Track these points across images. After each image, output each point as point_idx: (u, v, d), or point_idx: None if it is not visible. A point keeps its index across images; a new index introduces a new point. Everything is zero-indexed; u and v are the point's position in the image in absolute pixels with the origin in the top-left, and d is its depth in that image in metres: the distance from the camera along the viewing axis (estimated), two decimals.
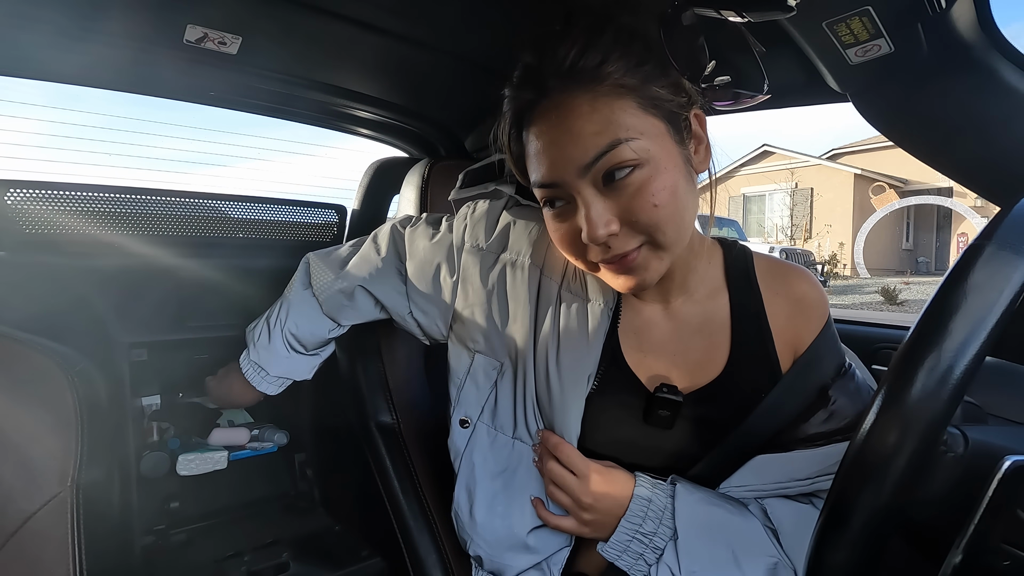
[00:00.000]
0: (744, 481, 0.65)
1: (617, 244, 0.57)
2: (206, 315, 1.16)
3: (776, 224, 16.36)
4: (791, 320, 0.68)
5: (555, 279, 0.71)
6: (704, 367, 0.68)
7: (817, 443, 0.62)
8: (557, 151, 0.56)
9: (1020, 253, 0.41)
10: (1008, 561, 0.39)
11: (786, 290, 0.69)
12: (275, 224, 1.33)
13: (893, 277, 14.00)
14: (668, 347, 0.69)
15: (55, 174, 5.96)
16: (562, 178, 0.57)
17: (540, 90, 0.58)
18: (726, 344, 0.68)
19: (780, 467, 0.64)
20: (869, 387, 0.68)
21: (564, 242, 0.62)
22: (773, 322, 0.68)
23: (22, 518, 0.56)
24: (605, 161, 0.55)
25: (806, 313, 0.68)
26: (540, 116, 0.58)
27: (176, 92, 1.15)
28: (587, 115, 0.55)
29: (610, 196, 0.56)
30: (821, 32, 0.67)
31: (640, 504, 0.63)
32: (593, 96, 0.55)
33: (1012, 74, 0.64)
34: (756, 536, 0.63)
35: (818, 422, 0.63)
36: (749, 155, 17.88)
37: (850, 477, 0.43)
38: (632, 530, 0.63)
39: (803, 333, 0.67)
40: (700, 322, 0.69)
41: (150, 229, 1.14)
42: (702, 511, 0.63)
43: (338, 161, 9.54)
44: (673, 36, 0.61)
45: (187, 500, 1.10)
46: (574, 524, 0.66)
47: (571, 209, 0.59)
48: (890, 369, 0.43)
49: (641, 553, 0.63)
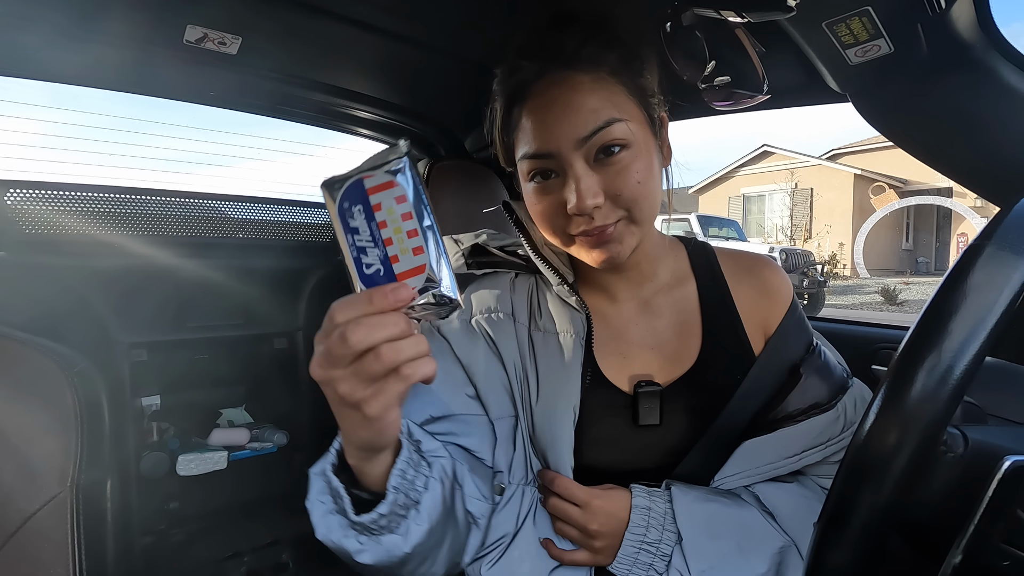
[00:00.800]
0: (737, 468, 0.66)
1: (600, 216, 0.60)
2: (206, 315, 1.16)
3: (776, 224, 16.36)
4: (758, 305, 0.72)
5: (524, 322, 0.72)
6: (681, 357, 0.70)
7: (798, 419, 0.66)
8: (556, 122, 0.59)
9: (1020, 253, 0.41)
10: (1008, 561, 0.39)
11: (750, 278, 0.73)
12: (275, 224, 1.33)
13: (893, 277, 14.01)
14: (646, 342, 0.71)
15: (55, 174, 5.95)
16: (558, 149, 0.59)
17: (542, 67, 0.61)
18: (698, 332, 0.70)
19: (769, 448, 0.66)
20: (836, 362, 0.71)
21: (546, 215, 0.63)
22: (741, 307, 0.71)
23: (22, 518, 0.56)
24: (600, 136, 0.58)
25: (771, 298, 0.72)
26: (540, 90, 0.61)
27: (176, 92, 1.15)
28: (587, 92, 0.59)
29: (598, 171, 0.60)
30: (821, 32, 0.67)
31: (640, 514, 0.63)
32: (593, 78, 0.60)
33: (1012, 74, 0.64)
34: (756, 524, 0.64)
35: (796, 399, 0.66)
36: (749, 155, 17.90)
37: (850, 477, 0.43)
38: (637, 541, 0.63)
39: (770, 317, 0.71)
40: (672, 312, 0.72)
41: (150, 229, 1.14)
42: (700, 509, 0.63)
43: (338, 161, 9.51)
44: (674, 36, 0.61)
45: (187, 500, 1.10)
46: (587, 555, 0.65)
47: (558, 183, 0.61)
48: (890, 369, 0.43)
49: (650, 563, 0.63)
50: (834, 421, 0.66)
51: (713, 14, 0.64)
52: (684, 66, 0.73)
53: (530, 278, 0.75)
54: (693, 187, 19.37)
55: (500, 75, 0.66)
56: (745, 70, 0.71)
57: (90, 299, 1.03)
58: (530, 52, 0.62)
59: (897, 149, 0.78)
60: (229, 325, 1.17)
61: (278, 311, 1.31)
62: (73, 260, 1.04)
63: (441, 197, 1.01)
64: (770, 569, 0.62)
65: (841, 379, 0.69)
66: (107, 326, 1.04)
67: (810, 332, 0.73)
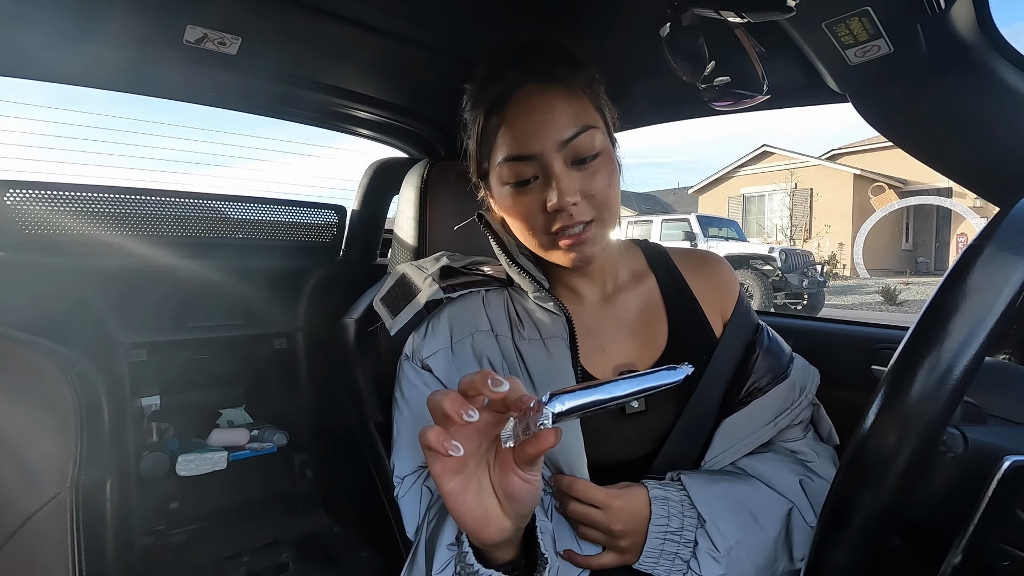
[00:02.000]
0: (723, 446, 0.71)
1: (577, 213, 0.64)
2: (206, 315, 1.16)
3: (776, 224, 16.35)
4: (713, 294, 0.79)
5: (507, 335, 0.73)
6: (652, 343, 0.75)
7: (765, 391, 0.73)
8: (539, 126, 0.64)
9: (1019, 253, 0.41)
10: (1008, 561, 0.39)
11: (703, 271, 0.81)
12: (275, 225, 1.33)
13: (892, 277, 14.00)
14: (619, 335, 0.75)
15: (55, 174, 5.95)
16: (542, 151, 0.64)
17: (521, 78, 0.66)
18: (664, 320, 0.76)
19: (747, 420, 0.72)
20: (777, 337, 0.80)
21: (527, 214, 0.67)
22: (698, 295, 0.78)
23: (21, 519, 0.56)
24: (579, 140, 0.64)
25: (723, 286, 0.80)
26: (521, 99, 0.66)
27: (176, 92, 1.15)
28: (566, 101, 0.65)
29: (575, 174, 0.65)
30: (820, 33, 0.67)
31: (660, 505, 0.65)
32: (569, 89, 0.66)
33: (1011, 74, 0.64)
34: (763, 493, 0.68)
35: (760, 372, 0.74)
36: (748, 155, 17.89)
37: (850, 477, 0.43)
38: (661, 532, 0.64)
39: (725, 304, 0.79)
40: (638, 306, 0.77)
41: (150, 230, 1.14)
42: (712, 489, 0.66)
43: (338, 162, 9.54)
44: (673, 37, 0.61)
45: (186, 501, 1.10)
46: (614, 556, 0.66)
47: (536, 186, 0.66)
48: (890, 369, 0.43)
49: (675, 552, 0.64)
50: (792, 387, 0.74)
51: (713, 14, 0.64)
52: (684, 67, 0.73)
53: (502, 292, 0.78)
54: (693, 187, 19.38)
55: (476, 86, 0.71)
56: (745, 70, 0.71)
57: (90, 299, 1.03)
58: (514, 60, 0.67)
59: (897, 149, 0.78)
60: (229, 325, 1.17)
61: (278, 311, 1.31)
62: (73, 260, 1.04)
63: (441, 198, 1.01)
64: (780, 531, 0.66)
65: (787, 350, 0.78)
66: (107, 326, 1.04)
67: (755, 316, 0.81)
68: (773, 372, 0.74)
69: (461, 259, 0.83)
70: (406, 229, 1.01)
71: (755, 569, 0.64)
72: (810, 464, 0.73)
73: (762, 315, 1.03)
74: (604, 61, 0.72)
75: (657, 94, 1.09)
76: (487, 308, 0.76)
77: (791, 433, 0.75)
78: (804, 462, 0.73)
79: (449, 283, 0.76)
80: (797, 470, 0.71)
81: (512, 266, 0.73)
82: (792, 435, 0.75)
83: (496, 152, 0.68)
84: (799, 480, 0.70)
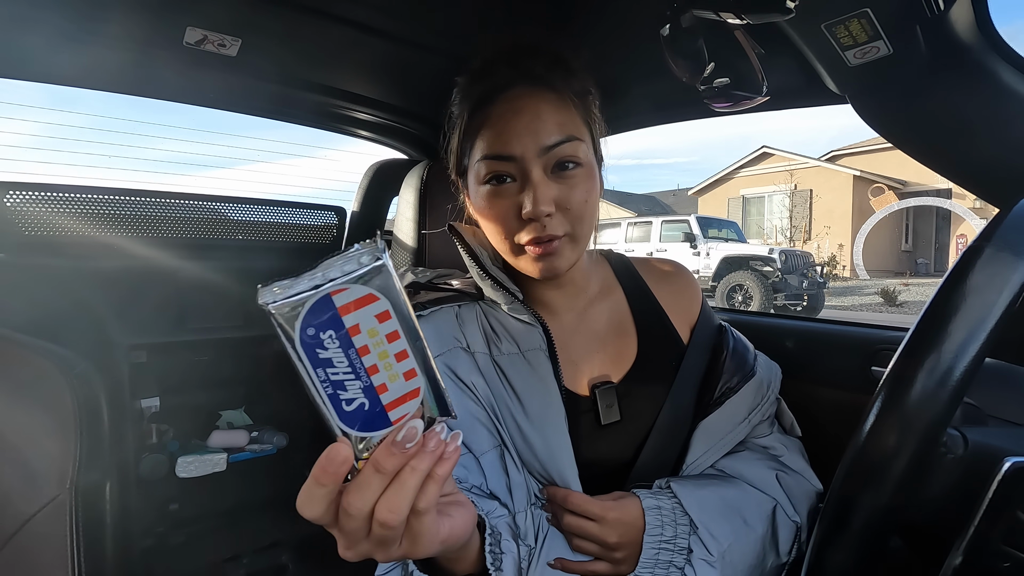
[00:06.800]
0: (702, 449, 0.72)
1: (550, 225, 0.63)
2: (206, 317, 1.16)
3: (775, 226, 16.36)
4: (677, 302, 0.80)
5: (484, 351, 0.72)
6: (624, 354, 0.75)
7: (737, 389, 0.74)
8: (524, 128, 0.62)
9: (1019, 255, 0.41)
10: (1008, 563, 0.39)
11: (667, 280, 0.82)
12: (275, 226, 1.33)
13: (892, 279, 13.99)
14: (591, 347, 0.75)
15: (55, 176, 5.96)
16: (522, 154, 0.62)
17: (513, 77, 0.65)
18: (633, 331, 0.77)
19: (723, 420, 0.73)
20: (740, 335, 0.81)
21: (500, 218, 0.65)
22: (664, 304, 0.79)
23: (21, 520, 0.56)
24: (561, 149, 0.62)
25: (686, 294, 0.81)
26: (511, 98, 0.64)
27: (176, 94, 1.15)
28: (554, 107, 0.64)
29: (553, 184, 0.63)
30: (820, 34, 0.67)
31: (654, 515, 0.65)
32: (559, 96, 0.64)
33: (1010, 75, 0.64)
34: (748, 494, 0.69)
35: (730, 372, 0.75)
36: (748, 157, 17.90)
37: (850, 478, 0.43)
38: (656, 542, 0.64)
39: (690, 310, 0.80)
40: (607, 317, 0.77)
41: (150, 231, 1.14)
42: (701, 495, 0.66)
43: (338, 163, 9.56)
44: (672, 38, 0.61)
45: (186, 502, 1.10)
46: (607, 567, 0.66)
47: (513, 188, 0.64)
48: (890, 371, 0.43)
49: (670, 560, 0.64)
50: (760, 383, 0.76)
51: (712, 16, 0.64)
52: (684, 68, 0.73)
53: (473, 307, 0.75)
54: (692, 188, 19.39)
55: (466, 80, 0.69)
56: (744, 72, 0.71)
57: (90, 301, 1.03)
58: (506, 60, 0.66)
59: (896, 150, 0.78)
60: (229, 327, 1.17)
61: None
62: (73, 262, 1.04)
63: (440, 199, 1.01)
64: (767, 529, 0.67)
65: (751, 348, 0.80)
66: (107, 328, 1.04)
67: (716, 318, 0.83)
68: (742, 371, 0.76)
69: (427, 273, 0.82)
70: (405, 230, 1.01)
71: (747, 569, 0.65)
72: (782, 458, 0.74)
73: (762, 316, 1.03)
74: (604, 62, 0.71)
75: (657, 95, 1.09)
76: (461, 324, 0.73)
77: (760, 429, 0.76)
78: (776, 457, 0.74)
79: (417, 300, 0.75)
80: (772, 466, 0.72)
81: (485, 279, 0.71)
82: (761, 431, 0.76)
83: (477, 149, 0.66)
84: (775, 475, 0.71)
